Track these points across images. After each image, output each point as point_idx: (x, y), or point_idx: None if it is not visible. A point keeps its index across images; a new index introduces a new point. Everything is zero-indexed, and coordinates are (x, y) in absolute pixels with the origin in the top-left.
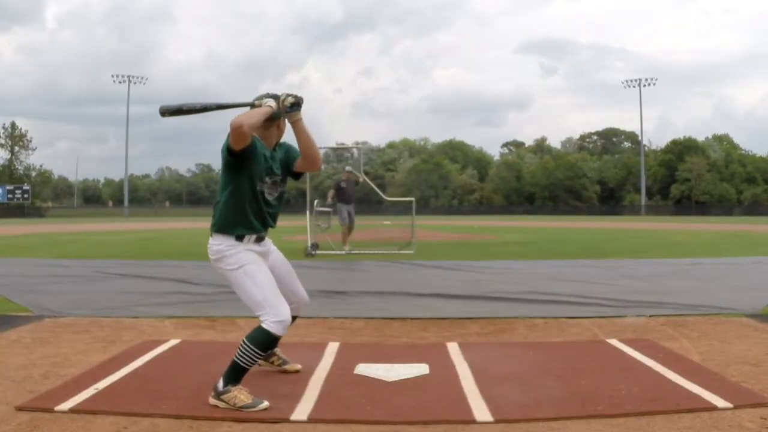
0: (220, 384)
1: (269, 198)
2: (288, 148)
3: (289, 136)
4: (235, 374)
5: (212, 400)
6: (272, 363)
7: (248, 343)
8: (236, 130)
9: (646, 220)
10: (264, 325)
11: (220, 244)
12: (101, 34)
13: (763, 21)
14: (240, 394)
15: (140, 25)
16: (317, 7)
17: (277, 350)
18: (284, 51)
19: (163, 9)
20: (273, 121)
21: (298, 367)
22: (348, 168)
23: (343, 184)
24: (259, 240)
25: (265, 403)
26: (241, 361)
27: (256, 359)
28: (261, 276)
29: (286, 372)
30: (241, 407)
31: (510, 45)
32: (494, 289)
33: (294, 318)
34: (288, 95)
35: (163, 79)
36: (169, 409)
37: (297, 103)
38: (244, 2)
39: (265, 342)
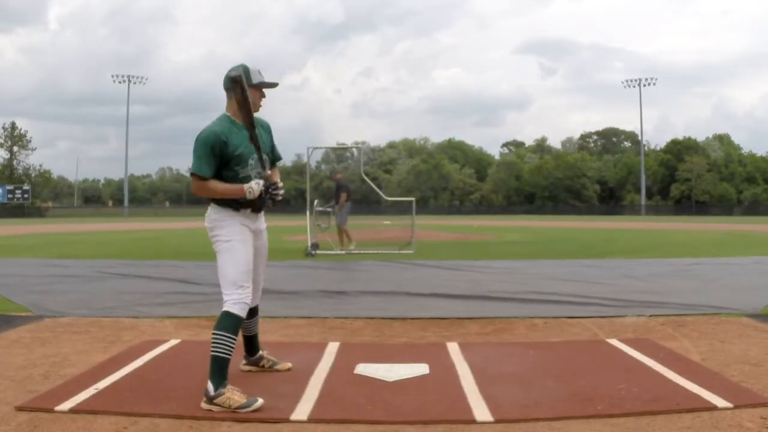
0: (211, 388)
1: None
2: (268, 129)
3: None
4: (219, 369)
5: (205, 406)
6: (262, 367)
7: (218, 332)
8: (196, 192)
9: (646, 220)
10: (226, 308)
11: (217, 213)
12: (102, 35)
13: (761, 21)
14: (233, 395)
15: (141, 26)
16: (318, 8)
17: (265, 352)
18: (285, 51)
19: (164, 10)
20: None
21: (289, 365)
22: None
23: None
24: (256, 210)
25: (260, 401)
26: (218, 351)
27: (230, 345)
28: (242, 255)
29: (279, 371)
30: (237, 408)
31: (510, 45)
32: (494, 289)
33: (256, 308)
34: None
35: (163, 80)
36: (169, 409)
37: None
38: (245, 3)
39: (232, 325)
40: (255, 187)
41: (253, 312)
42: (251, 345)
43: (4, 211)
